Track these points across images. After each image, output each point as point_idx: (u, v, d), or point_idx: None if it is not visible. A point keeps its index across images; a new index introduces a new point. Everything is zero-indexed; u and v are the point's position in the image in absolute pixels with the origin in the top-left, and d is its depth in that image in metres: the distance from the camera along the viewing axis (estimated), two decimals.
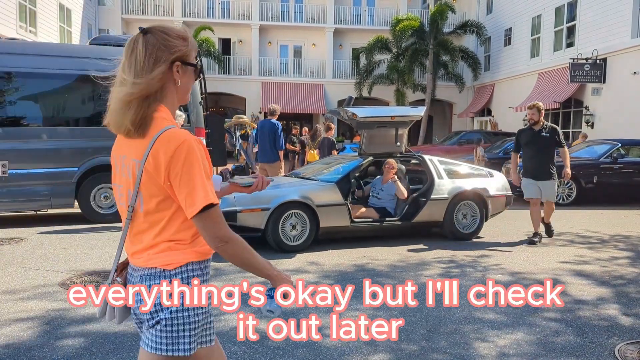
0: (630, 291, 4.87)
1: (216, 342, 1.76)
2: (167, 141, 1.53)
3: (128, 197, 1.63)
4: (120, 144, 1.69)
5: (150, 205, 1.59)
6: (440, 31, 23.52)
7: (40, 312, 4.03)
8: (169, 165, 1.52)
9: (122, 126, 1.61)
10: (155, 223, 1.61)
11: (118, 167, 1.69)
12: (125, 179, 1.64)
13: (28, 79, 7.73)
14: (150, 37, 1.61)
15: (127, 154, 1.63)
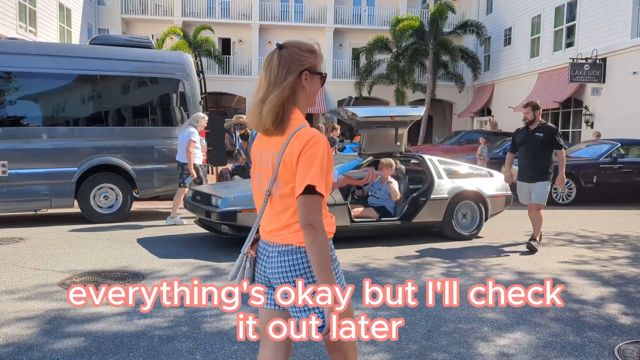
0: (630, 291, 4.87)
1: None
2: (301, 137, 1.84)
3: (267, 181, 1.94)
4: (261, 141, 2.01)
5: (286, 190, 1.88)
6: (440, 31, 23.52)
7: (40, 312, 4.03)
8: (300, 155, 1.83)
9: (263, 126, 1.90)
10: (289, 205, 1.89)
11: (258, 159, 2.02)
12: (265, 168, 1.96)
13: (28, 79, 7.73)
14: (285, 51, 1.92)
15: (267, 148, 1.95)
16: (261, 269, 2.03)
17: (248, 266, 2.05)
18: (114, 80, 8.24)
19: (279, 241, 1.94)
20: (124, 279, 4.97)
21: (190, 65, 8.74)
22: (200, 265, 5.52)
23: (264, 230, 2.00)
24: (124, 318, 3.92)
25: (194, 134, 7.84)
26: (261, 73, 1.99)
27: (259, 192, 2.01)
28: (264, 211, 1.97)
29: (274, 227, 1.94)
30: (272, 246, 1.96)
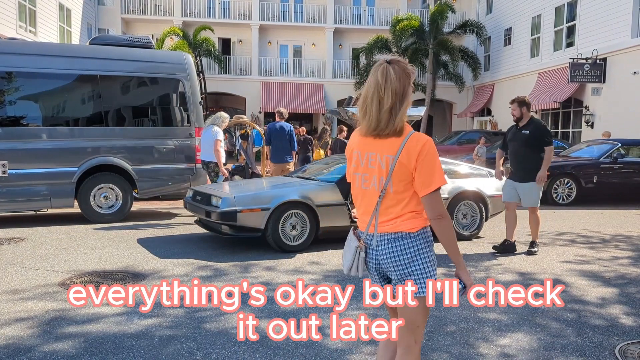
0: (631, 291, 4.86)
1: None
2: (417, 140, 2.12)
3: (378, 182, 2.18)
4: (367, 144, 2.22)
5: (399, 187, 2.15)
6: (440, 31, 23.51)
7: (40, 312, 4.02)
8: (418, 157, 2.10)
9: (385, 130, 2.14)
10: (401, 200, 2.17)
11: (363, 161, 2.23)
12: (373, 169, 2.20)
13: (28, 79, 7.72)
14: (395, 66, 2.15)
15: (378, 151, 2.18)
16: (372, 257, 2.26)
17: (363, 256, 2.28)
18: (114, 80, 8.24)
19: (389, 230, 2.19)
20: (124, 279, 4.97)
21: (191, 65, 8.74)
22: (201, 266, 5.51)
23: (368, 223, 2.24)
24: (124, 318, 3.92)
25: (219, 133, 8.02)
26: (374, 86, 2.15)
27: (361, 191, 2.27)
28: (368, 204, 2.23)
29: (384, 219, 2.20)
30: (381, 235, 2.21)
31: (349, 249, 2.31)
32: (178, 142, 8.53)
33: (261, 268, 5.47)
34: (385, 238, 2.20)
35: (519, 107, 6.20)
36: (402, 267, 2.23)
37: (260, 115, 26.53)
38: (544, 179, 6.18)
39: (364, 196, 2.25)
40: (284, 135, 8.89)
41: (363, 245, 2.26)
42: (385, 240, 2.20)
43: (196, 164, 8.65)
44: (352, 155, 2.30)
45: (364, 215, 2.27)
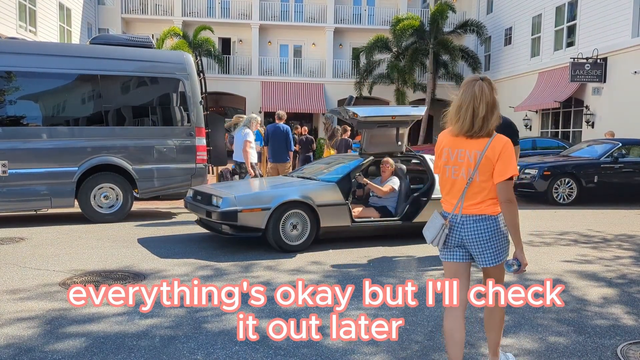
0: (633, 291, 4.86)
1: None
2: (500, 139, 2.72)
3: (466, 172, 2.73)
4: (457, 142, 2.77)
5: (484, 177, 2.70)
6: (441, 30, 23.51)
7: (40, 312, 4.02)
8: (500, 152, 2.68)
9: (479, 132, 2.69)
10: (484, 188, 2.71)
11: (453, 156, 2.78)
12: (462, 162, 2.74)
13: (28, 79, 7.72)
14: (486, 83, 2.71)
15: (467, 148, 2.73)
16: (456, 234, 2.79)
17: (447, 232, 2.78)
18: (114, 79, 8.23)
19: (474, 212, 2.73)
20: (124, 279, 4.96)
21: (191, 65, 8.73)
22: (201, 265, 5.51)
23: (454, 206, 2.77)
24: (125, 318, 3.91)
25: (249, 135, 8.49)
26: (470, 98, 2.69)
27: (450, 180, 2.81)
28: (457, 191, 2.77)
29: (469, 203, 2.74)
30: (467, 218, 2.74)
31: (433, 226, 2.83)
32: (178, 142, 8.53)
33: (262, 268, 5.46)
34: (470, 219, 2.74)
35: None
36: (483, 242, 2.74)
37: (260, 115, 26.53)
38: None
39: (453, 184, 2.79)
40: (280, 136, 9.26)
41: (448, 223, 2.79)
42: (470, 221, 2.74)
43: (197, 163, 8.65)
44: (442, 151, 2.84)
45: (452, 199, 2.80)
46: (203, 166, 8.77)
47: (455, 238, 2.79)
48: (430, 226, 2.86)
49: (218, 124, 9.86)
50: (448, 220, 2.80)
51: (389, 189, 6.98)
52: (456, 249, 2.83)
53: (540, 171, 11.20)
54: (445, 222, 2.78)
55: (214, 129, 9.37)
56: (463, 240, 2.78)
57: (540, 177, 11.15)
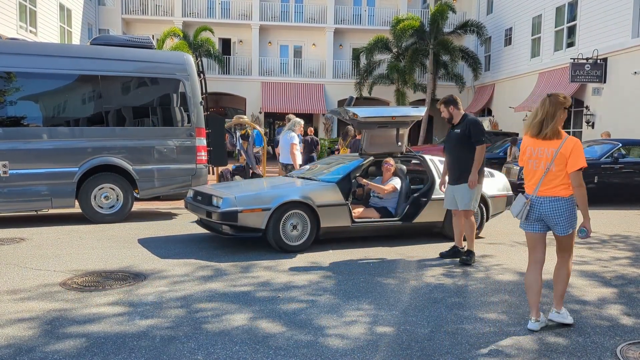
0: (631, 291, 4.86)
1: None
2: (571, 140, 3.69)
3: (544, 165, 3.71)
4: (536, 142, 3.77)
5: (558, 168, 3.67)
6: (441, 31, 23.50)
7: (41, 312, 4.02)
8: (572, 150, 3.64)
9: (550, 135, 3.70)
10: (558, 176, 3.69)
11: (535, 152, 3.77)
12: (542, 157, 3.73)
13: (28, 79, 7.73)
14: (552, 98, 3.73)
15: (545, 146, 3.72)
16: (536, 210, 3.79)
17: (528, 209, 3.79)
18: (114, 80, 8.24)
19: (550, 194, 3.72)
20: (125, 279, 4.97)
21: (191, 66, 8.74)
22: (202, 266, 5.52)
23: (534, 190, 3.77)
24: (126, 318, 3.92)
25: (294, 138, 8.96)
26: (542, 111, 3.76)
27: (532, 170, 3.80)
28: (537, 178, 3.76)
29: (546, 187, 3.72)
30: (544, 198, 3.74)
31: (518, 204, 3.82)
32: (179, 143, 8.53)
33: (262, 268, 5.47)
34: (547, 199, 3.73)
35: (445, 108, 5.88)
36: (558, 216, 3.72)
37: (260, 116, 26.54)
38: (474, 182, 5.68)
39: (534, 174, 3.79)
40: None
41: (529, 202, 3.78)
42: (547, 201, 3.73)
43: (197, 164, 8.66)
44: (526, 149, 3.84)
45: (533, 185, 3.79)
46: (203, 167, 8.78)
47: (535, 214, 3.79)
48: (515, 204, 3.84)
49: (218, 124, 9.86)
50: (529, 200, 3.77)
51: (391, 187, 6.99)
52: (535, 222, 3.83)
53: None
54: (527, 201, 3.77)
55: (214, 129, 9.38)
56: (542, 216, 3.78)
57: None
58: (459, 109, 5.88)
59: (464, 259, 5.76)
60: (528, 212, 3.78)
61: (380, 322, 3.95)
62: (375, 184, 7.03)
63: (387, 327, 3.85)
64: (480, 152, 5.69)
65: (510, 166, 12.14)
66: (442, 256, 6.06)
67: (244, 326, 3.81)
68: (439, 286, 4.92)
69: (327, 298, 4.49)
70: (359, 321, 3.95)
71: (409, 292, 4.74)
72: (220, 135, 9.78)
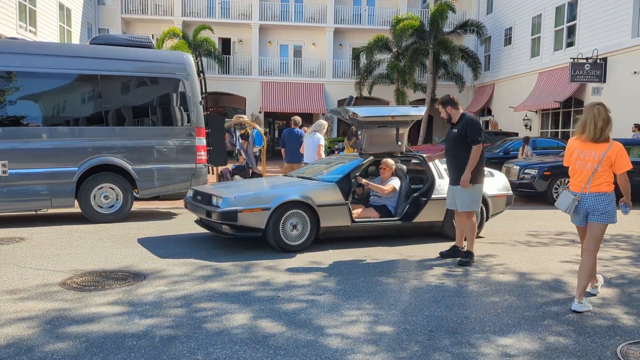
0: (632, 291, 4.86)
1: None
2: (616, 145, 4.21)
3: (591, 165, 4.22)
4: (585, 145, 4.28)
5: (603, 169, 4.21)
6: (441, 31, 23.51)
7: (40, 312, 4.02)
8: (617, 154, 4.19)
9: (600, 139, 4.20)
10: (602, 175, 4.24)
11: (582, 154, 4.28)
12: (588, 159, 4.24)
13: (28, 79, 7.72)
14: (601, 105, 4.22)
15: (592, 149, 4.22)
16: (583, 205, 4.33)
17: (576, 204, 4.34)
18: (114, 80, 8.23)
19: (595, 191, 4.27)
20: (125, 279, 4.96)
21: (191, 65, 8.73)
22: (201, 265, 5.51)
23: (581, 187, 4.32)
24: (125, 318, 3.91)
25: (321, 139, 9.28)
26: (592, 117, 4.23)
27: (579, 170, 4.34)
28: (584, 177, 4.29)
29: (592, 185, 4.26)
30: (590, 194, 4.28)
31: (566, 200, 4.39)
32: (178, 142, 8.53)
33: (262, 268, 5.46)
34: (592, 195, 4.28)
35: (443, 108, 5.86)
36: (601, 208, 4.26)
37: (260, 115, 26.53)
38: (466, 182, 5.63)
39: (581, 173, 4.32)
40: (295, 139, 10.09)
41: (578, 199, 4.33)
42: (593, 196, 4.28)
43: (197, 163, 8.65)
44: (573, 151, 4.37)
45: (580, 183, 4.33)
46: (203, 166, 8.77)
47: (583, 208, 4.33)
48: (563, 201, 4.42)
49: (218, 124, 9.86)
50: (578, 197, 4.32)
51: (390, 188, 6.99)
52: (582, 217, 4.37)
53: (540, 171, 11.21)
54: (576, 198, 4.33)
55: (214, 129, 9.37)
56: (588, 209, 4.31)
57: (540, 177, 11.16)
58: (457, 108, 5.85)
59: (463, 260, 5.75)
60: (576, 207, 4.33)
61: (381, 321, 3.94)
62: (374, 184, 7.02)
63: (387, 326, 3.85)
64: (476, 151, 5.64)
65: (510, 166, 12.14)
66: (442, 256, 6.06)
67: (244, 326, 3.80)
68: (439, 286, 4.92)
69: (327, 298, 4.48)
70: (359, 321, 3.95)
71: (409, 291, 4.73)
72: (220, 135, 9.77)
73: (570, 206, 4.32)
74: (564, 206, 4.38)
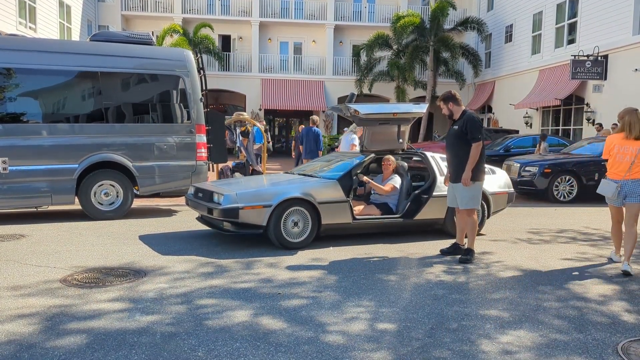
0: (633, 288, 4.86)
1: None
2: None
3: (630, 158, 5.31)
4: (625, 142, 5.38)
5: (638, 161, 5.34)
6: (441, 28, 23.47)
7: (41, 309, 4.02)
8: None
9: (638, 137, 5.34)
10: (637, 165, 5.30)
11: (622, 149, 5.38)
12: (626, 152, 5.34)
13: (28, 75, 7.71)
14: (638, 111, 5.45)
15: (631, 145, 5.34)
16: (623, 190, 5.35)
17: (619, 190, 5.34)
18: (114, 76, 8.22)
19: (633, 177, 5.28)
20: (125, 275, 4.96)
21: (191, 62, 8.72)
22: (202, 262, 5.51)
23: (622, 175, 5.33)
24: (126, 315, 3.91)
25: (355, 139, 9.91)
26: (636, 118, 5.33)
27: (618, 162, 5.37)
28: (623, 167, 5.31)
29: (631, 173, 5.26)
30: (629, 180, 5.30)
31: (609, 188, 5.43)
32: (179, 139, 8.52)
33: (263, 265, 5.46)
34: (631, 181, 5.29)
35: (444, 104, 5.82)
36: (638, 192, 5.26)
37: (260, 113, 26.51)
38: (467, 180, 5.60)
39: (620, 164, 5.36)
40: (312, 137, 11.39)
41: (620, 186, 5.33)
42: (631, 182, 5.29)
43: (197, 160, 8.64)
44: (613, 146, 5.43)
45: (620, 172, 5.35)
46: (203, 163, 8.76)
47: (622, 193, 5.37)
48: (607, 188, 5.44)
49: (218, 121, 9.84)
50: (620, 184, 5.33)
51: (390, 187, 6.98)
52: (621, 199, 5.42)
53: (540, 169, 11.20)
54: (618, 185, 5.34)
55: (214, 126, 9.36)
56: (627, 193, 5.34)
57: (541, 175, 11.15)
58: (458, 105, 5.83)
59: (463, 257, 5.74)
60: (618, 192, 5.36)
61: (381, 318, 3.94)
62: (375, 184, 7.01)
63: (388, 323, 3.85)
64: (476, 149, 5.61)
65: (511, 163, 12.13)
66: (442, 253, 6.06)
67: (245, 323, 3.80)
68: (440, 283, 4.92)
69: (328, 295, 4.48)
70: (359, 318, 3.95)
71: (409, 289, 4.73)
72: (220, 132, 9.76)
73: (615, 192, 5.34)
74: (609, 192, 5.40)
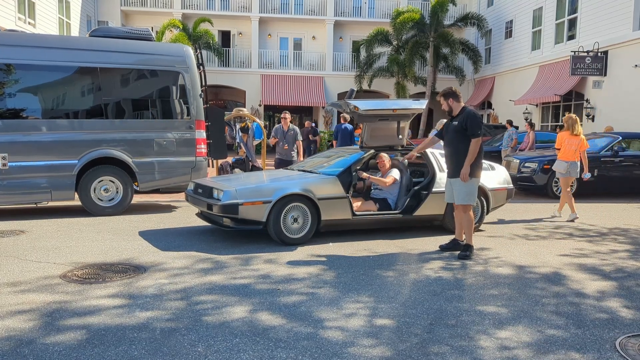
0: (630, 284, 4.87)
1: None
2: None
3: (575, 148, 7.61)
4: (571, 137, 7.69)
5: None
6: (441, 23, 23.42)
7: (41, 305, 4.03)
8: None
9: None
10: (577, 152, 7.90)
11: (569, 141, 7.75)
12: (573, 144, 7.71)
13: (28, 71, 7.70)
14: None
15: (575, 140, 7.66)
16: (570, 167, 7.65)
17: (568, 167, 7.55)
18: (114, 72, 8.21)
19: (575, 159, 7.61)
20: (125, 271, 4.98)
21: (191, 58, 8.70)
22: (202, 258, 5.52)
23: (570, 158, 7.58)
24: (126, 310, 3.93)
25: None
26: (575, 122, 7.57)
27: (568, 150, 7.56)
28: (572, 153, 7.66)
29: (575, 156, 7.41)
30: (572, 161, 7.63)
31: (561, 166, 7.10)
32: (178, 135, 8.52)
33: (262, 261, 5.48)
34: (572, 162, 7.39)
35: (444, 100, 5.84)
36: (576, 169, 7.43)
37: (260, 108, 26.49)
38: (466, 176, 5.63)
39: (568, 151, 7.16)
40: (346, 134, 12.02)
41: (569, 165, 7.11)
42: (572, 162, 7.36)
43: (197, 156, 8.64)
44: (564, 140, 7.42)
45: (569, 156, 7.31)
46: (203, 159, 8.77)
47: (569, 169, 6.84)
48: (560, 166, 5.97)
49: (218, 117, 9.84)
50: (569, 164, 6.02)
51: (391, 179, 6.99)
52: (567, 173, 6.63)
53: (540, 165, 11.20)
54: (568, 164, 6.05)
55: (214, 122, 9.35)
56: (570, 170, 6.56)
57: (540, 171, 11.15)
58: (458, 101, 5.85)
59: (462, 253, 5.76)
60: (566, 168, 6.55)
61: (380, 314, 3.96)
62: (376, 177, 7.02)
63: (386, 319, 3.86)
64: (475, 145, 5.62)
65: (510, 159, 12.13)
66: (441, 249, 6.07)
67: (244, 318, 3.82)
68: (439, 279, 4.93)
69: (327, 290, 4.50)
70: (358, 313, 3.96)
71: (408, 284, 4.75)
72: (220, 128, 9.75)
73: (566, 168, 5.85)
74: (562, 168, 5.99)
